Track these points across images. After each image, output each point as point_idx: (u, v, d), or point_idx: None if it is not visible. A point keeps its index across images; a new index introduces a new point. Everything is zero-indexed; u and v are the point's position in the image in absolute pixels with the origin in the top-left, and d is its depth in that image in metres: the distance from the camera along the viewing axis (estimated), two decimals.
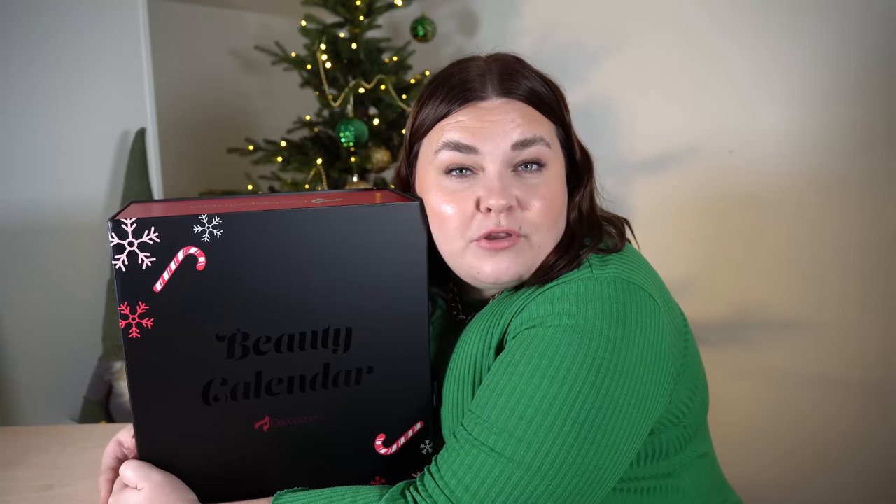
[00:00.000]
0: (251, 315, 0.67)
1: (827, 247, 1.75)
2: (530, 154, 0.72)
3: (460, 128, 0.73)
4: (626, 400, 0.66)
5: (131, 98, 1.89)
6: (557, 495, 0.64)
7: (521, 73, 0.76)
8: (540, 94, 0.75)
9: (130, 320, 0.64)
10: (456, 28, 2.36)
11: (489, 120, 0.72)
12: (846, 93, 1.69)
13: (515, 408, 0.65)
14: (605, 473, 0.66)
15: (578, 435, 0.64)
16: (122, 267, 0.63)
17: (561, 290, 0.69)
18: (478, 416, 0.67)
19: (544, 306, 0.68)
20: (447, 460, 0.67)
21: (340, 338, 0.70)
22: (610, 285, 0.69)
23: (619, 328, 0.67)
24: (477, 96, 0.74)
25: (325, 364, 0.70)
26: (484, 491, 0.64)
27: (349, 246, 0.68)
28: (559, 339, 0.66)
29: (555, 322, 0.67)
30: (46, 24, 1.69)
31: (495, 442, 0.65)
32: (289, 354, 0.69)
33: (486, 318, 0.75)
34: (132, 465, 0.70)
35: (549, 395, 0.64)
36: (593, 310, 0.67)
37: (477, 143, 0.72)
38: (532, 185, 0.72)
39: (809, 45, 1.72)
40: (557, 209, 0.74)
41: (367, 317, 0.70)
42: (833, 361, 1.75)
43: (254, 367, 0.68)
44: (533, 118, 0.74)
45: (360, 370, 0.72)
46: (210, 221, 0.64)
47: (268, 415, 0.70)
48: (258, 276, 0.66)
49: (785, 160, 1.75)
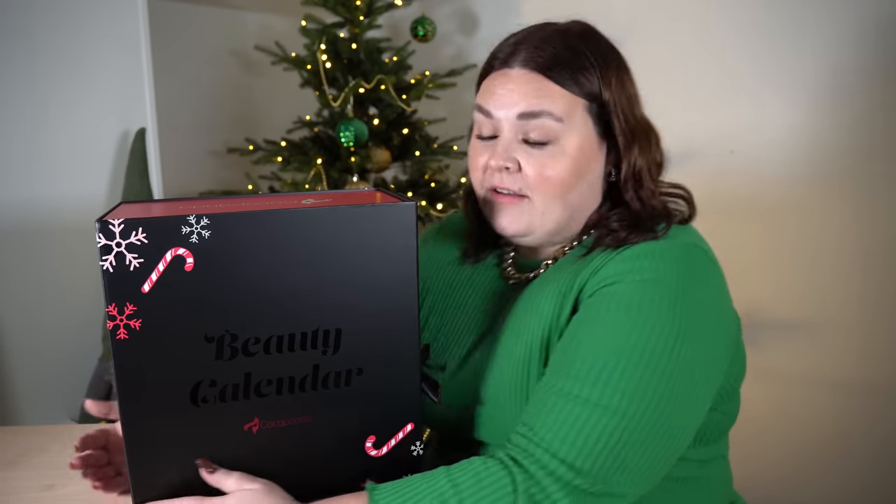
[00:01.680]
0: (240, 316, 0.67)
1: (829, 247, 1.74)
2: (535, 126, 0.77)
3: (485, 92, 0.82)
4: (703, 352, 0.71)
5: (131, 98, 1.89)
6: (649, 440, 0.68)
7: (555, 47, 0.78)
8: (566, 70, 0.77)
9: (118, 321, 0.64)
10: (456, 28, 2.36)
11: (507, 88, 0.79)
12: (849, 93, 1.69)
13: (606, 358, 0.68)
14: (687, 423, 0.71)
15: (662, 382, 0.68)
16: (109, 268, 0.62)
17: (639, 248, 0.74)
18: (566, 371, 0.70)
19: (623, 264, 0.73)
20: (538, 417, 0.69)
21: (330, 339, 0.70)
22: (683, 248, 0.74)
23: (693, 286, 0.72)
24: (506, 63, 0.80)
25: (314, 365, 0.70)
26: (581, 440, 0.67)
27: (339, 247, 0.68)
28: (641, 292, 0.70)
29: (635, 277, 0.71)
30: (46, 23, 1.69)
31: (590, 393, 0.68)
32: (278, 356, 0.69)
33: (555, 280, 0.79)
34: (235, 476, 0.70)
35: (638, 345, 0.68)
36: (670, 266, 0.72)
37: (493, 109, 0.80)
38: (536, 154, 0.78)
39: (811, 45, 1.71)
40: (565, 178, 0.78)
41: (357, 318, 0.70)
42: (836, 362, 1.75)
43: (243, 368, 0.68)
44: (547, 92, 0.77)
45: (350, 371, 0.71)
46: (198, 222, 0.64)
47: (257, 416, 0.70)
48: (247, 277, 0.66)
49: (786, 161, 1.75)
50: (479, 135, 0.83)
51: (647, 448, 0.68)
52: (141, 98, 1.90)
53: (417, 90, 1.94)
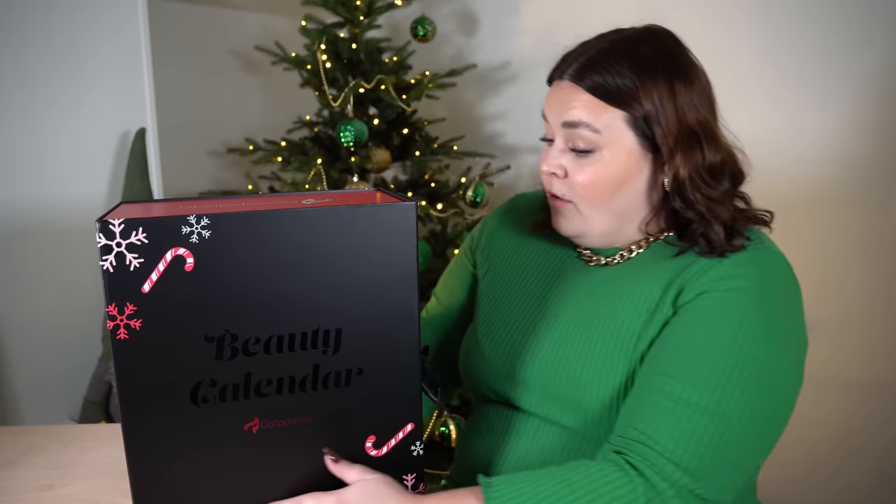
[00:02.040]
0: (240, 316, 0.67)
1: (834, 247, 1.74)
2: (577, 136, 0.82)
3: (547, 98, 0.87)
4: (796, 363, 0.76)
5: (131, 98, 1.89)
6: (755, 448, 0.72)
7: (600, 61, 0.82)
8: (608, 88, 0.80)
9: (118, 321, 0.64)
10: (456, 28, 2.36)
11: (555, 98, 0.85)
12: (850, 93, 1.69)
13: (721, 366, 0.71)
14: (780, 431, 0.75)
15: (768, 391, 0.72)
16: (109, 268, 0.62)
17: (744, 255, 0.77)
18: (681, 377, 0.72)
19: (729, 269, 0.76)
20: (654, 423, 0.71)
21: (330, 339, 0.70)
22: (780, 258, 0.79)
23: (790, 297, 0.77)
24: (559, 75, 0.85)
25: (314, 365, 0.70)
26: (703, 448, 0.69)
27: (339, 247, 0.68)
28: (748, 301, 0.74)
29: (740, 284, 0.74)
30: (46, 24, 1.69)
31: (708, 401, 0.70)
32: (278, 356, 0.69)
33: (651, 273, 0.82)
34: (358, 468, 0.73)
35: (734, 351, 0.72)
36: (772, 276, 0.76)
37: (547, 115, 0.86)
38: (579, 163, 0.83)
39: (811, 44, 1.71)
40: (604, 187, 0.82)
41: (357, 318, 0.70)
42: (846, 362, 1.75)
43: (243, 368, 0.68)
44: (586, 105, 0.81)
45: (350, 371, 0.71)
46: (198, 222, 0.64)
47: (257, 416, 0.70)
48: (247, 276, 0.66)
49: (787, 161, 1.75)
50: (544, 137, 0.88)
51: (752, 455, 0.73)
52: (141, 98, 1.90)
53: (417, 90, 1.94)
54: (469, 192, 1.96)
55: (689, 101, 0.81)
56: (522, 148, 2.32)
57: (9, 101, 1.65)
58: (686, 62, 0.84)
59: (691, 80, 0.83)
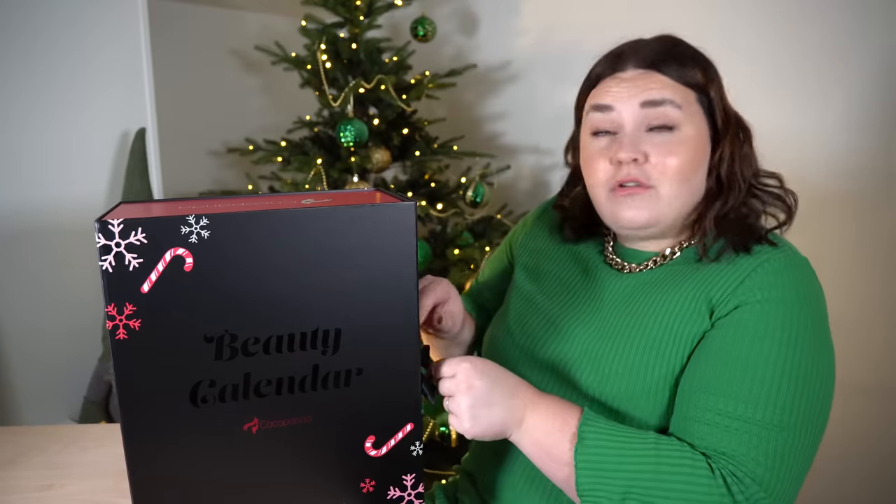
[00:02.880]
0: (239, 316, 0.67)
1: (833, 247, 1.74)
2: (658, 114, 0.83)
3: (601, 93, 0.87)
4: (829, 362, 0.78)
5: (131, 98, 1.89)
6: (808, 451, 0.74)
7: (660, 48, 0.85)
8: (677, 67, 0.84)
9: (118, 321, 0.64)
10: (456, 28, 2.36)
11: (623, 86, 0.85)
12: (851, 93, 1.69)
13: (765, 379, 0.73)
14: (823, 429, 0.76)
15: (810, 394, 0.74)
16: (108, 268, 0.62)
17: (775, 263, 0.78)
18: (734, 395, 0.74)
19: (764, 278, 0.77)
20: (720, 440, 0.73)
21: (329, 339, 0.70)
22: (806, 262, 0.81)
23: (821, 300, 0.80)
24: (616, 69, 0.86)
25: (314, 365, 0.70)
26: (771, 462, 0.71)
27: (339, 247, 0.68)
28: (780, 312, 0.75)
29: (778, 295, 0.76)
30: (45, 23, 1.69)
31: (768, 416, 0.72)
32: (277, 356, 0.69)
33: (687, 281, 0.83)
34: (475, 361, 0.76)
35: (787, 362, 0.74)
36: (804, 281, 0.78)
37: (614, 102, 0.85)
38: (660, 142, 0.83)
39: (812, 44, 1.71)
40: (686, 165, 0.83)
41: (357, 318, 0.70)
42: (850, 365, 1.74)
43: (242, 368, 0.68)
44: (666, 84, 0.83)
45: (350, 372, 0.71)
46: (197, 222, 0.64)
47: (256, 416, 0.70)
48: (246, 276, 0.66)
49: (787, 161, 1.75)
50: (597, 130, 0.87)
51: (807, 462, 0.75)
52: (141, 98, 1.90)
53: (417, 90, 1.94)
54: (469, 192, 1.96)
55: (725, 95, 0.88)
56: (522, 148, 2.32)
57: (9, 101, 1.65)
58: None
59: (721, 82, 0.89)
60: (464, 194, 1.98)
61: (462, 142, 2.18)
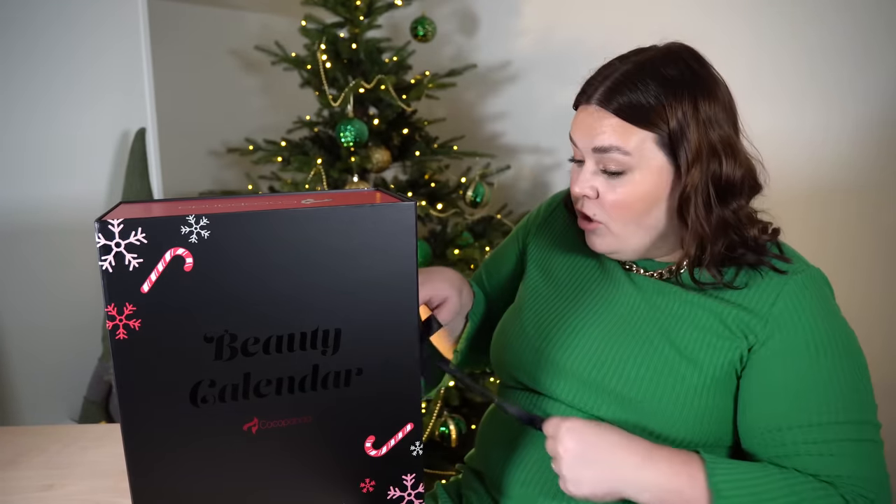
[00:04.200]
0: (239, 316, 0.67)
1: (833, 247, 1.75)
2: (608, 159, 0.83)
3: (574, 122, 0.88)
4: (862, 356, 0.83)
5: (131, 98, 1.89)
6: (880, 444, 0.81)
7: (624, 84, 0.82)
8: (635, 109, 0.81)
9: (118, 321, 0.64)
10: (456, 28, 2.36)
11: (584, 123, 0.85)
12: (851, 93, 1.69)
13: (843, 395, 0.78)
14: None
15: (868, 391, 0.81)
16: (108, 268, 0.62)
17: (797, 283, 0.82)
18: (825, 420, 0.78)
19: (791, 302, 0.81)
20: (846, 465, 0.77)
21: (329, 339, 0.70)
22: (820, 274, 0.84)
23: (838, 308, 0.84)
24: (585, 99, 0.86)
25: (313, 365, 0.70)
26: (879, 473, 0.78)
27: (339, 247, 0.68)
28: (823, 327, 0.80)
29: (810, 313, 0.80)
30: (46, 24, 1.69)
31: (857, 431, 0.78)
32: (277, 356, 0.69)
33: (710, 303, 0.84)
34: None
35: (847, 373, 0.79)
36: (823, 290, 0.83)
37: (576, 139, 0.87)
38: (611, 183, 0.84)
39: (811, 44, 1.72)
40: (635, 205, 0.83)
41: (357, 318, 0.70)
42: None
43: (242, 368, 0.68)
44: (615, 129, 0.82)
45: (350, 371, 0.71)
46: (197, 222, 0.63)
47: (256, 416, 0.70)
48: (246, 276, 0.66)
49: (786, 161, 1.75)
50: (573, 158, 0.90)
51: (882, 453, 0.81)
52: (141, 98, 1.90)
53: (417, 90, 1.94)
54: (469, 192, 1.96)
55: (712, 116, 0.82)
56: (522, 148, 2.32)
57: (8, 102, 1.65)
58: (708, 78, 0.84)
59: (714, 95, 0.83)
60: (464, 194, 1.98)
61: (462, 142, 2.18)
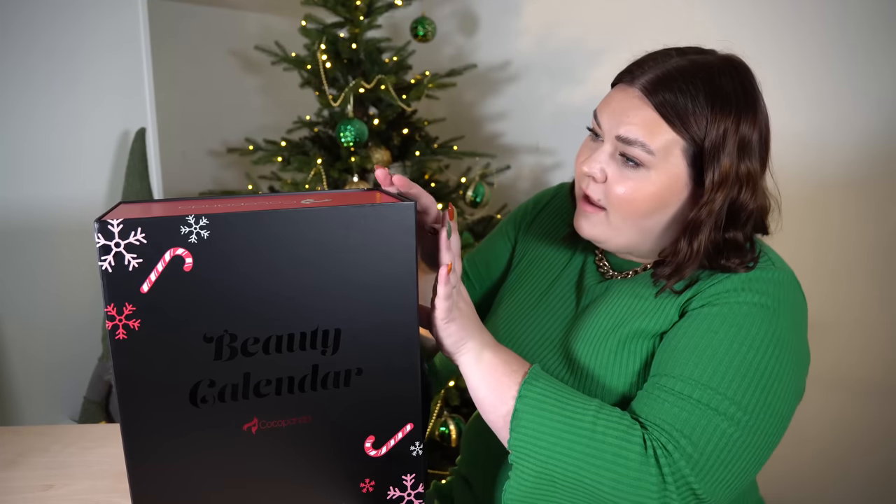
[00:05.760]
0: (239, 316, 0.67)
1: (832, 247, 1.74)
2: (627, 150, 0.79)
3: (607, 97, 0.84)
4: (794, 376, 0.76)
5: (131, 98, 1.89)
6: (754, 453, 0.73)
7: (677, 82, 0.78)
8: (678, 109, 0.77)
9: (117, 321, 0.64)
10: (456, 28, 2.36)
11: (619, 105, 0.81)
12: (850, 93, 1.69)
13: (719, 368, 0.73)
14: (776, 438, 0.75)
15: (765, 398, 0.73)
16: (108, 268, 0.62)
17: (753, 273, 0.78)
18: (684, 375, 0.74)
19: (739, 282, 0.77)
20: (658, 411, 0.73)
21: (329, 339, 0.70)
22: (790, 278, 0.80)
23: (799, 318, 0.78)
24: (629, 80, 0.81)
25: (313, 365, 0.70)
26: (711, 447, 0.71)
27: (338, 247, 0.68)
28: (753, 314, 0.75)
29: (748, 299, 0.76)
30: (46, 24, 1.69)
31: (709, 398, 0.72)
32: (277, 356, 0.69)
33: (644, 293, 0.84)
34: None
35: (746, 360, 0.73)
36: (780, 295, 0.77)
37: (602, 117, 0.83)
38: (624, 174, 0.80)
39: (811, 44, 1.72)
40: (637, 206, 0.80)
41: (356, 318, 0.70)
42: (852, 363, 1.75)
43: (241, 368, 0.68)
44: (651, 125, 0.78)
45: (350, 371, 0.71)
46: (197, 222, 0.63)
47: (256, 416, 0.70)
48: (245, 277, 0.66)
49: (787, 161, 1.75)
50: (592, 129, 0.86)
51: (752, 463, 0.73)
52: (141, 98, 1.90)
53: (417, 90, 1.94)
54: (469, 192, 1.96)
55: (749, 143, 0.79)
56: (522, 148, 2.32)
57: (11, 101, 1.65)
58: (758, 103, 0.81)
59: (758, 123, 0.80)
60: (464, 194, 1.98)
61: (462, 142, 2.18)
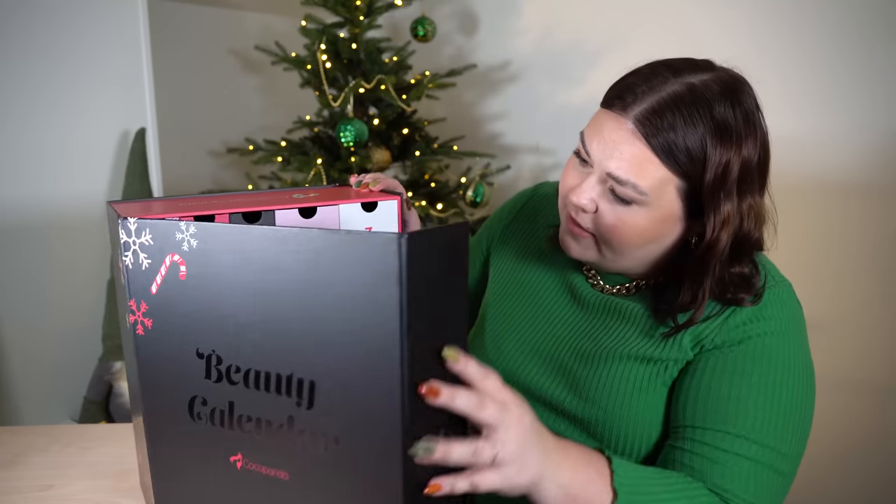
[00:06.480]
0: (222, 338, 0.61)
1: (832, 247, 1.74)
2: (618, 190, 0.74)
3: (595, 123, 0.77)
4: (812, 389, 0.77)
5: (131, 98, 1.89)
6: (793, 475, 0.75)
7: (674, 117, 0.71)
8: (676, 149, 0.71)
9: (137, 317, 0.63)
10: (456, 28, 2.36)
11: (611, 137, 0.74)
12: (853, 95, 1.69)
13: (768, 421, 0.73)
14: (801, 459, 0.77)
15: (802, 436, 0.75)
16: (129, 264, 0.62)
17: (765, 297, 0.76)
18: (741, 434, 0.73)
19: (752, 312, 0.75)
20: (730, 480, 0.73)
21: (304, 391, 0.58)
22: (789, 292, 0.78)
23: (800, 329, 0.77)
24: (620, 108, 0.74)
25: (289, 416, 0.59)
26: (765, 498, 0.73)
27: (313, 278, 0.55)
28: (772, 346, 0.74)
29: (764, 329, 0.74)
30: (45, 23, 1.69)
31: (770, 459, 0.73)
32: (255, 392, 0.61)
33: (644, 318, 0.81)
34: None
35: (783, 404, 0.74)
36: (786, 314, 0.76)
37: (591, 145, 0.76)
38: (615, 209, 0.76)
39: (810, 44, 1.71)
40: (629, 239, 0.76)
41: (332, 371, 0.56)
42: (839, 361, 1.75)
43: (227, 395, 0.62)
44: (644, 162, 0.72)
45: (327, 438, 0.58)
46: (187, 230, 0.60)
47: (241, 451, 0.64)
48: (228, 297, 0.59)
49: (787, 162, 1.75)
50: (578, 154, 0.79)
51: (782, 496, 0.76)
52: (141, 98, 1.91)
53: (417, 90, 1.94)
54: (469, 192, 1.96)
55: (749, 172, 0.74)
56: (522, 148, 2.32)
57: (11, 100, 1.66)
58: (758, 127, 0.75)
59: (757, 146, 0.75)
60: (464, 194, 1.98)
61: (462, 142, 2.18)
